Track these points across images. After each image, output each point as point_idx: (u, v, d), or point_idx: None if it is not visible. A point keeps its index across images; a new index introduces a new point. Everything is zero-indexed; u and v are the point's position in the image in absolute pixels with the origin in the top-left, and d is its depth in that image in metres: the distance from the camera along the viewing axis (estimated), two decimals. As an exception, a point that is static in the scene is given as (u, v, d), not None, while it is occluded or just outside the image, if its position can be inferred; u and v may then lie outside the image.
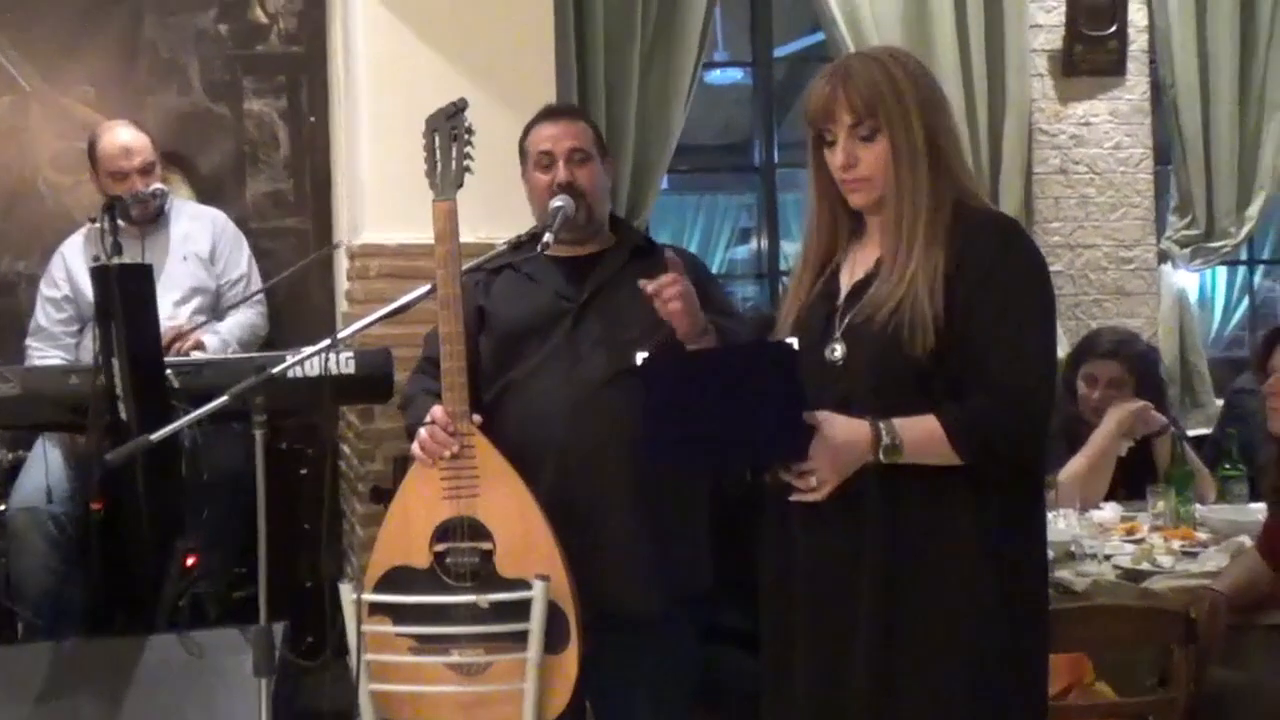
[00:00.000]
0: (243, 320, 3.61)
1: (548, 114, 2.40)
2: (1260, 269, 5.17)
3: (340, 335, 2.25)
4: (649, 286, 2.04)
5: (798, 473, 1.67)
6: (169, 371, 2.79)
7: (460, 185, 2.20)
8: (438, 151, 2.21)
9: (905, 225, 1.73)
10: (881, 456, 1.67)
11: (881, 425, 1.67)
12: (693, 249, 6.81)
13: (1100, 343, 3.33)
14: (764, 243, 4.69)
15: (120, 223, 2.89)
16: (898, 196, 1.74)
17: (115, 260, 2.69)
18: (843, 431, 1.66)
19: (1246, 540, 2.61)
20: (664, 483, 2.26)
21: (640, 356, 1.70)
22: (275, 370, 2.15)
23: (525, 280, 2.34)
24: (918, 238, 1.72)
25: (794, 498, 1.69)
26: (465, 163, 2.20)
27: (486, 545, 2.14)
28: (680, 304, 2.03)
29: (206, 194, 3.90)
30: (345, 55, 3.60)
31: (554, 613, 2.10)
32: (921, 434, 1.67)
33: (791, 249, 4.69)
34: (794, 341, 1.71)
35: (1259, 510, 2.67)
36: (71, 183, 3.79)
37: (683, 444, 1.67)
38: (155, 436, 2.11)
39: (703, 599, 2.36)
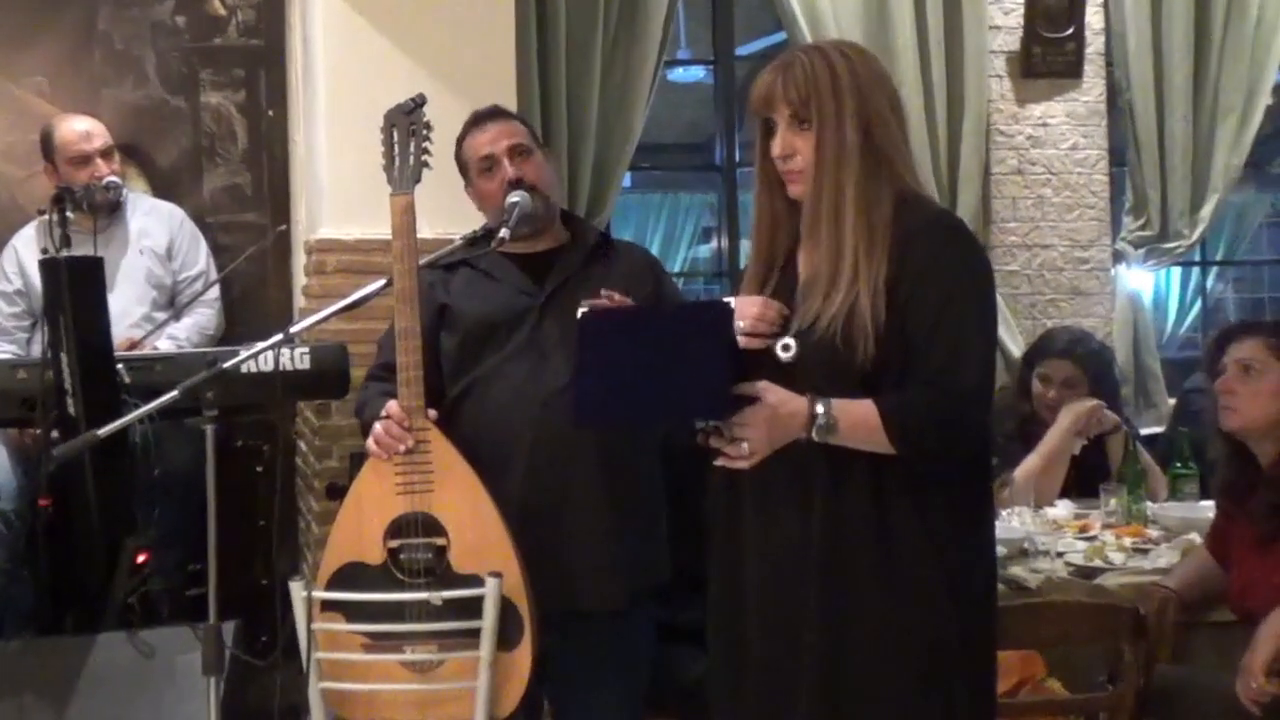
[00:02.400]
0: (198, 322, 3.58)
1: (475, 121, 2.38)
2: (1213, 270, 5.23)
3: (293, 329, 2.23)
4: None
5: (730, 438, 1.67)
6: (120, 367, 2.75)
7: (418, 180, 2.20)
8: (396, 146, 2.21)
9: (826, 219, 1.73)
10: (814, 435, 1.67)
11: (819, 405, 1.68)
12: (655, 248, 6.84)
13: (1055, 342, 3.37)
14: (724, 242, 4.69)
15: (71, 216, 2.85)
16: (815, 188, 1.74)
17: (64, 253, 2.66)
18: (781, 402, 1.67)
19: (1197, 538, 2.64)
20: (629, 476, 2.26)
21: (580, 311, 1.69)
22: (227, 365, 2.13)
23: (484, 278, 2.33)
24: (847, 235, 1.72)
25: (719, 462, 1.69)
26: (423, 158, 2.20)
27: (440, 541, 2.13)
28: None
29: (163, 188, 3.85)
30: (304, 49, 3.58)
31: (508, 609, 2.09)
32: (858, 417, 1.68)
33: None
34: (731, 300, 1.70)
35: (1209, 508, 2.70)
36: (25, 175, 3.74)
37: (611, 401, 1.66)
38: (102, 432, 2.08)
39: (661, 593, 2.36)
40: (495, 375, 2.26)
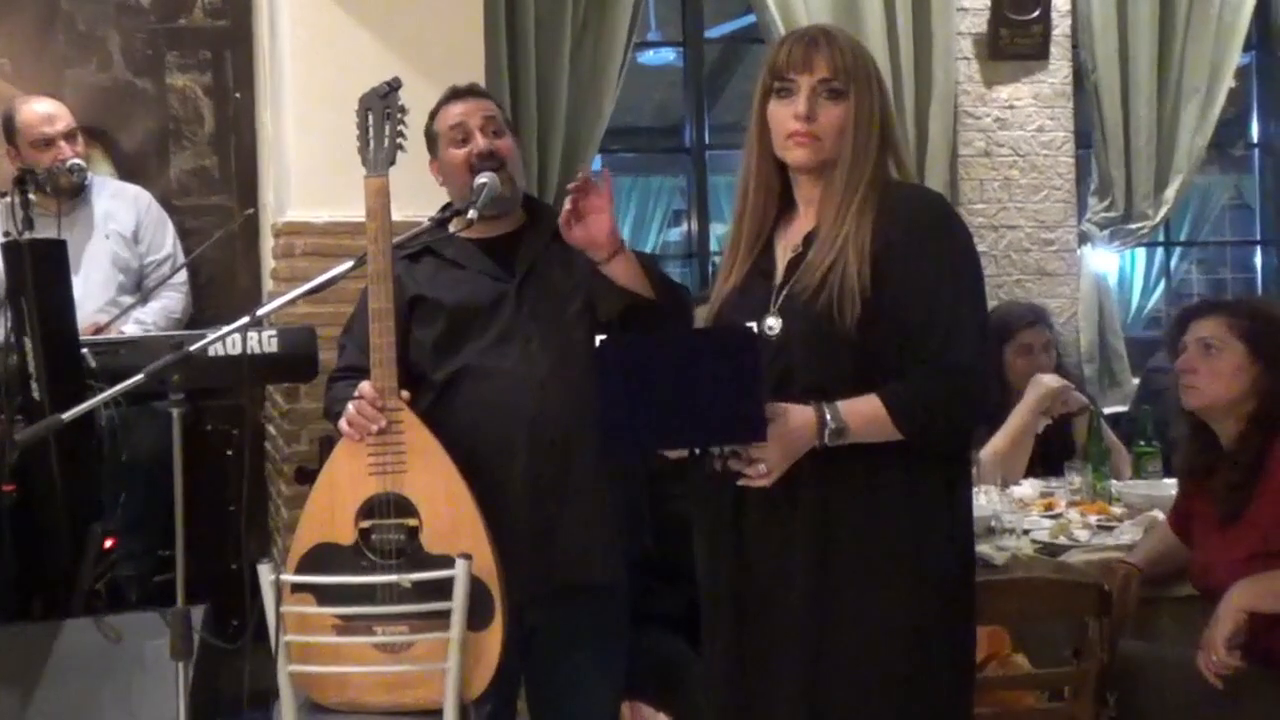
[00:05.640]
0: (165, 306, 3.57)
1: (454, 95, 2.37)
2: (1176, 250, 5.29)
3: (260, 311, 2.21)
4: (572, 185, 2.02)
5: (747, 460, 1.68)
6: (85, 351, 2.73)
7: (392, 162, 2.20)
8: (371, 129, 2.20)
9: (848, 192, 1.75)
10: (827, 440, 1.68)
11: (826, 411, 1.68)
12: (626, 231, 6.82)
13: (1024, 313, 3.44)
14: (694, 225, 4.70)
15: (34, 198, 2.83)
16: (851, 161, 1.76)
17: (27, 235, 2.63)
18: (793, 421, 1.68)
19: (1160, 515, 2.67)
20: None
21: (599, 340, 1.70)
22: (193, 348, 2.12)
23: (451, 266, 2.33)
24: (853, 206, 1.74)
25: (741, 483, 1.71)
26: (398, 141, 2.20)
27: (412, 522, 2.13)
28: (606, 212, 2.01)
29: (128, 171, 3.82)
30: (271, 30, 3.54)
31: (478, 590, 2.10)
32: (865, 415, 1.69)
33: (722, 231, 4.70)
34: (753, 325, 1.72)
35: (1172, 485, 2.73)
36: (-13, 158, 3.70)
37: (641, 431, 1.68)
38: (67, 416, 2.06)
39: (637, 568, 2.38)
40: (486, 362, 2.25)
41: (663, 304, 2.13)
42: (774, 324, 1.77)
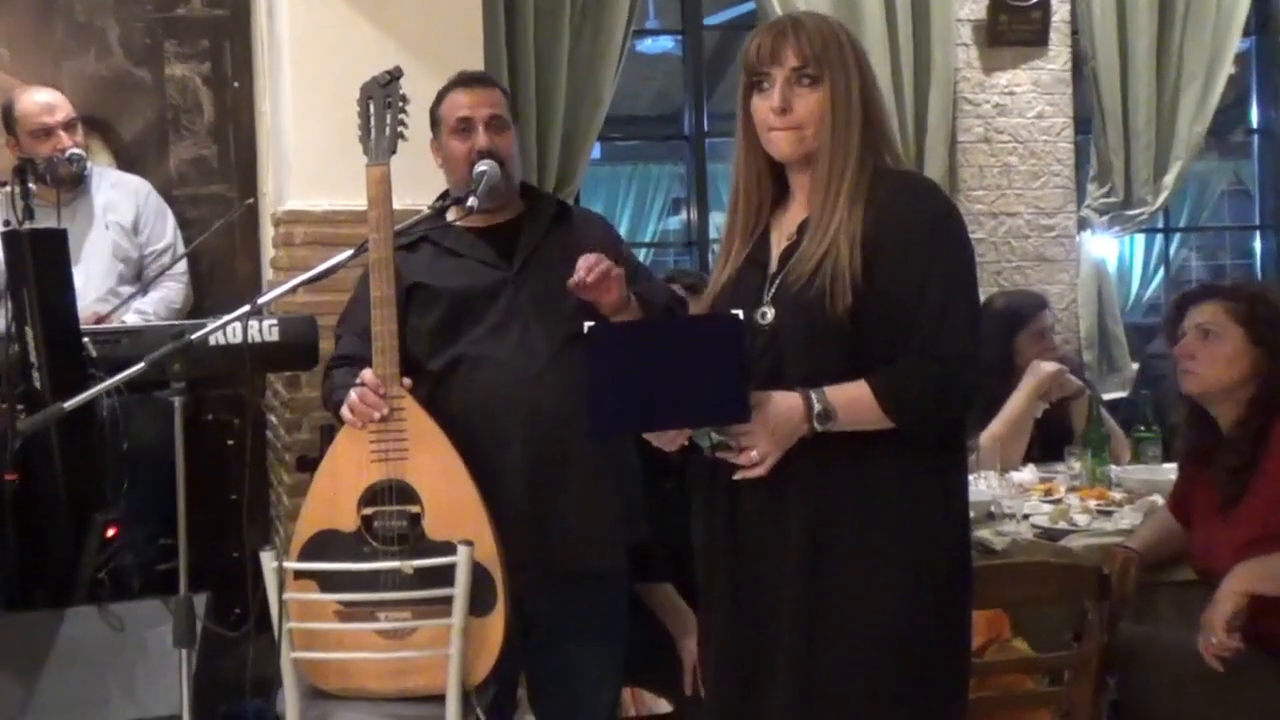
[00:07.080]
0: (165, 296, 3.57)
1: (463, 81, 2.38)
2: (1176, 236, 5.29)
3: (261, 300, 2.22)
4: (580, 267, 2.10)
5: (739, 449, 1.69)
6: (86, 340, 2.74)
7: (394, 151, 2.21)
8: (372, 118, 2.22)
9: (834, 179, 1.74)
10: (816, 425, 1.68)
11: (813, 395, 1.68)
12: (625, 219, 6.82)
13: (1029, 302, 3.46)
14: (694, 213, 4.70)
15: (33, 188, 2.83)
16: (831, 147, 1.75)
17: (27, 225, 2.63)
18: (778, 406, 1.68)
19: (1159, 499, 2.68)
20: (616, 440, 2.28)
21: (587, 326, 1.71)
22: (194, 337, 2.12)
23: (448, 254, 2.33)
24: (843, 193, 1.74)
25: (738, 476, 1.71)
26: (399, 130, 2.22)
27: (415, 508, 2.14)
28: (616, 281, 2.09)
29: (128, 161, 3.82)
30: (269, 19, 3.54)
31: (481, 576, 2.11)
32: (852, 400, 1.69)
33: (722, 219, 4.70)
34: (739, 313, 1.72)
35: (1171, 470, 2.74)
36: (-14, 148, 3.70)
37: (627, 412, 1.69)
38: (68, 405, 2.07)
39: (633, 556, 2.39)
40: (483, 350, 2.26)
41: None
42: (767, 313, 1.77)
